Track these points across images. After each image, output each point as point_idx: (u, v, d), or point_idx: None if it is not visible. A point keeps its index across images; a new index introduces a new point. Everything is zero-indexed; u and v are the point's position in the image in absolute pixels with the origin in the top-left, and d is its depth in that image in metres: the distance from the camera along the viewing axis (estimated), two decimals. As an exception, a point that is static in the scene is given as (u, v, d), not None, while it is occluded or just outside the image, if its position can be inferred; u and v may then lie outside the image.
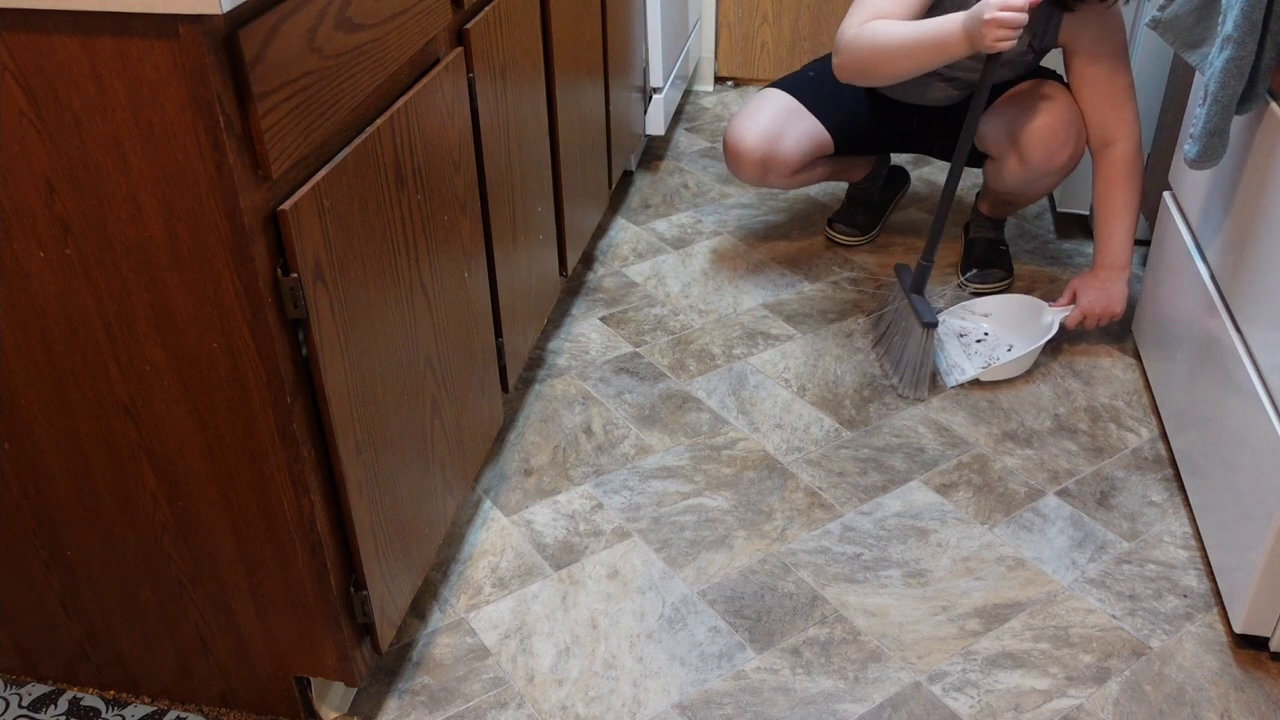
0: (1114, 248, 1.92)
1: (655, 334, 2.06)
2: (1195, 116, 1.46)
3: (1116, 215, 1.91)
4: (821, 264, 2.29)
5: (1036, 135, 1.93)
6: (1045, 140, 1.92)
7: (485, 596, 1.51)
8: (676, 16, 2.61)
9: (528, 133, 1.65)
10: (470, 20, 1.39)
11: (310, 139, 0.99)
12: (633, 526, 1.62)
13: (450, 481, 1.42)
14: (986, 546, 1.58)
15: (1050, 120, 1.92)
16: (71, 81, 0.88)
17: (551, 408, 1.87)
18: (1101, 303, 1.92)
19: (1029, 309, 2.01)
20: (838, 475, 1.72)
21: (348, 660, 1.22)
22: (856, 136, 2.17)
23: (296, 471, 1.06)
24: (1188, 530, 1.60)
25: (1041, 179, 1.98)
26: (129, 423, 1.07)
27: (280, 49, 0.93)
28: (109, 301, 0.99)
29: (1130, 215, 1.91)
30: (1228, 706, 1.34)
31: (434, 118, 1.26)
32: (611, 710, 1.34)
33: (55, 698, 1.35)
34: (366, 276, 1.12)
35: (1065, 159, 1.95)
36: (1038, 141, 1.93)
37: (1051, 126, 1.92)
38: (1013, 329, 2.02)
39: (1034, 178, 1.98)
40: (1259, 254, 1.43)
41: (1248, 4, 1.33)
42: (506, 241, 1.59)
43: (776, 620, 1.46)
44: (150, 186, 0.92)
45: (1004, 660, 1.40)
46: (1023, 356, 1.90)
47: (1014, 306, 2.04)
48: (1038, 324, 1.98)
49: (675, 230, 2.42)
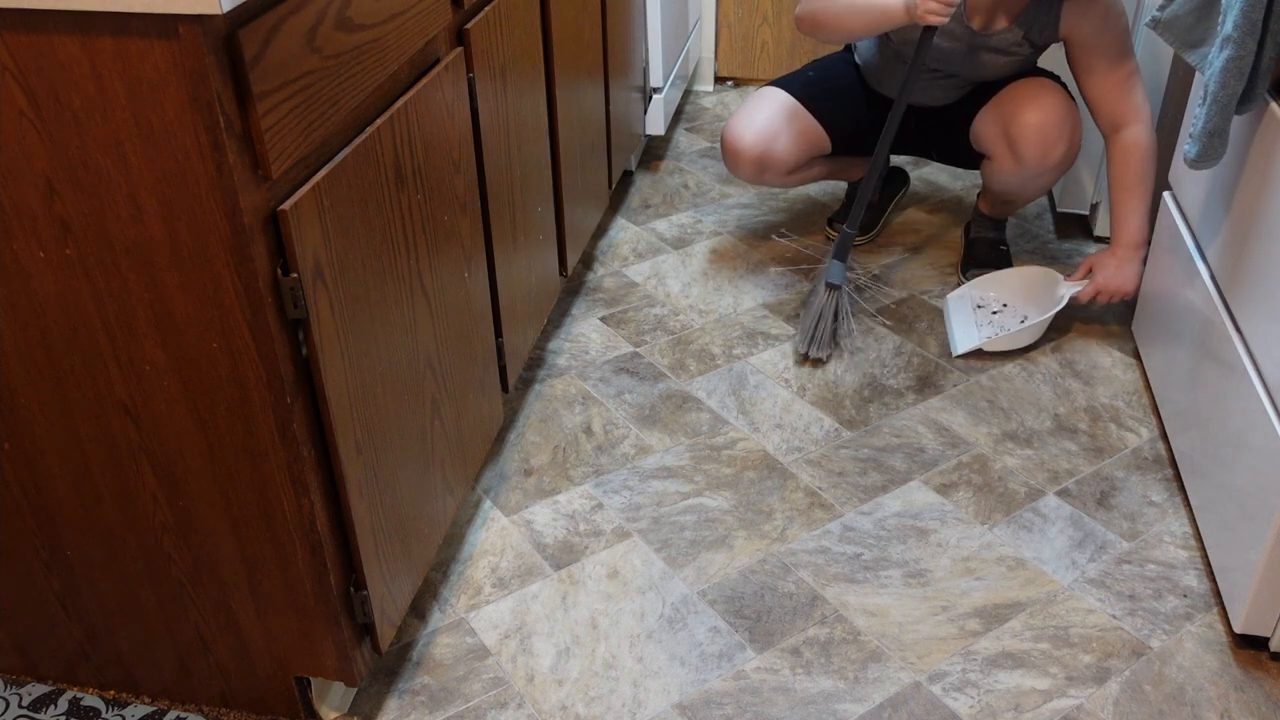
0: (1130, 227, 1.93)
1: (655, 334, 2.06)
2: (1195, 116, 1.46)
3: (1131, 195, 1.92)
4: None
5: (1031, 133, 1.93)
6: (1039, 138, 1.93)
7: (485, 596, 1.51)
8: (676, 16, 2.61)
9: (528, 133, 1.65)
10: (470, 20, 1.39)
11: (310, 139, 0.99)
12: (633, 526, 1.62)
13: (450, 481, 1.42)
14: (986, 546, 1.58)
15: (1044, 117, 1.92)
16: (71, 81, 0.88)
17: (551, 408, 1.87)
18: (1116, 281, 1.94)
19: (1045, 281, 2.05)
20: (838, 475, 1.72)
21: (348, 660, 1.22)
22: (854, 136, 2.17)
23: (296, 471, 1.06)
24: (1188, 530, 1.60)
25: (1037, 177, 1.99)
26: (129, 423, 1.07)
27: (280, 49, 0.93)
28: (109, 301, 0.99)
29: (1144, 195, 1.92)
30: (1228, 706, 1.34)
31: (434, 118, 1.26)
32: (611, 710, 1.34)
33: (55, 698, 1.35)
34: (366, 276, 1.12)
35: (1059, 156, 1.95)
36: (1032, 139, 1.93)
37: (1045, 124, 1.92)
38: (1029, 300, 2.06)
39: (1030, 176, 1.98)
40: (1259, 254, 1.43)
41: (1247, 4, 1.33)
42: (506, 241, 1.59)
43: (776, 620, 1.46)
44: (150, 186, 0.92)
45: (1004, 660, 1.40)
46: (1031, 326, 1.94)
47: (1032, 278, 2.07)
48: (1052, 296, 2.02)
49: (675, 230, 2.42)
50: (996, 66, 1.99)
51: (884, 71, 2.11)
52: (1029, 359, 1.98)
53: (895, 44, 2.03)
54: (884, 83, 2.13)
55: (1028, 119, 1.93)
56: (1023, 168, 1.97)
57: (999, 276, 2.11)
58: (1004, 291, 2.09)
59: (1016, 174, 1.99)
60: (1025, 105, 1.94)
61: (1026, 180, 2.00)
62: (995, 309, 2.06)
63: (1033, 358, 1.99)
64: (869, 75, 2.16)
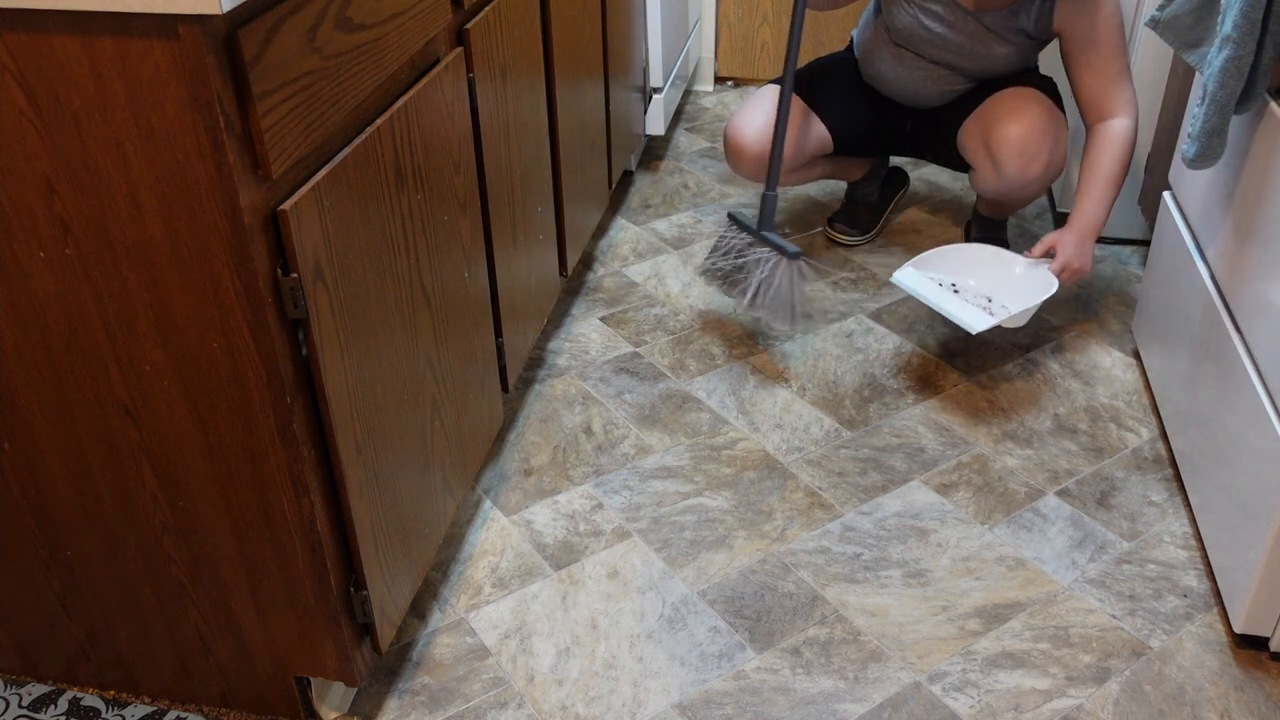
0: (1096, 213, 1.87)
1: (655, 334, 2.06)
2: (1194, 116, 1.46)
3: (1103, 181, 1.88)
4: (821, 264, 2.29)
5: (1010, 146, 1.92)
6: (1019, 151, 1.92)
7: (485, 596, 1.51)
8: (676, 16, 2.61)
9: (528, 133, 1.65)
10: (470, 20, 1.39)
11: (310, 139, 0.99)
12: (633, 526, 1.62)
13: (450, 481, 1.42)
14: (986, 546, 1.58)
15: (1024, 131, 1.92)
16: (71, 81, 0.88)
17: (551, 408, 1.87)
18: (1078, 261, 1.87)
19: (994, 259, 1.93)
20: (838, 475, 1.72)
21: (348, 660, 1.22)
22: (855, 136, 2.18)
23: (296, 471, 1.06)
24: (1188, 530, 1.60)
25: (1020, 189, 1.98)
26: (129, 423, 1.07)
27: (280, 49, 0.93)
28: (109, 301, 0.99)
29: (1113, 185, 1.88)
30: (1228, 706, 1.34)
31: (434, 118, 1.26)
32: (611, 710, 1.34)
33: (55, 698, 1.35)
34: (366, 276, 1.12)
35: (1040, 170, 1.94)
36: (1011, 153, 1.93)
37: (1025, 137, 1.92)
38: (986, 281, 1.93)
39: (1011, 188, 1.98)
40: (1259, 254, 1.43)
41: (1247, 4, 1.33)
42: (506, 241, 1.59)
43: (776, 620, 1.46)
44: (150, 186, 0.92)
45: (1004, 660, 1.40)
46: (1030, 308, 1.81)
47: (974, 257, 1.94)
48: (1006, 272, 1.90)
49: (675, 230, 2.42)
50: (994, 58, 1.98)
51: (881, 69, 2.11)
52: (1029, 359, 1.98)
53: (895, 34, 2.03)
54: (879, 76, 2.13)
55: (1008, 132, 1.93)
56: (1004, 181, 1.97)
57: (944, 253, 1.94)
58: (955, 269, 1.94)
59: (999, 186, 1.99)
60: (1006, 117, 1.94)
61: (1008, 193, 2.00)
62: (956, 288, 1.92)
63: (1033, 358, 1.99)
64: (867, 73, 2.16)
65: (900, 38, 2.03)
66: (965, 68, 2.02)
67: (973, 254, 1.94)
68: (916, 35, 1.99)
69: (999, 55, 1.98)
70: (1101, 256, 2.30)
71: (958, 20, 1.93)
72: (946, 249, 1.93)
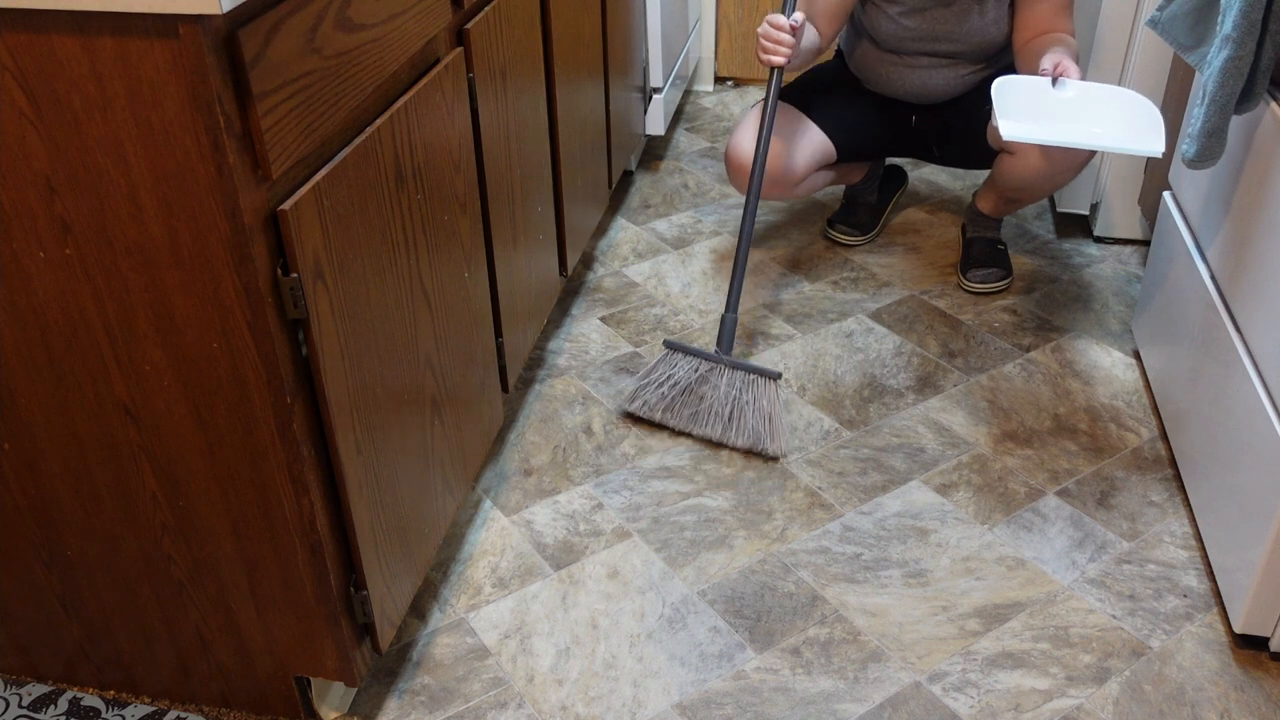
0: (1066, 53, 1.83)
1: (655, 334, 2.06)
2: (1194, 116, 1.46)
3: (1066, 46, 1.88)
4: (821, 264, 2.29)
5: None
6: None
7: (485, 596, 1.51)
8: (676, 16, 2.61)
9: (528, 133, 1.65)
10: (470, 20, 1.39)
11: (310, 139, 0.99)
12: (633, 526, 1.62)
13: (450, 481, 1.42)
14: (986, 546, 1.58)
15: None
16: (71, 81, 0.88)
17: (551, 408, 1.87)
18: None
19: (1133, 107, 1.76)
20: (838, 475, 1.72)
21: (348, 660, 1.22)
22: (859, 142, 2.17)
23: (296, 471, 1.06)
24: (1188, 530, 1.60)
25: (1061, 173, 1.99)
26: (129, 423, 1.07)
27: (280, 49, 0.93)
28: (109, 301, 0.99)
29: (1068, 54, 1.83)
30: (1228, 706, 1.34)
31: (434, 118, 1.26)
32: (611, 710, 1.34)
33: (55, 698, 1.35)
34: (366, 276, 1.12)
35: (1086, 153, 1.96)
36: None
37: None
38: (1095, 120, 1.78)
39: (1055, 171, 1.99)
40: (1259, 254, 1.43)
41: (1246, 4, 1.33)
42: (506, 241, 1.59)
43: (776, 620, 1.46)
44: (150, 186, 0.92)
45: (1004, 660, 1.40)
46: (1084, 145, 1.70)
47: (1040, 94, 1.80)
48: (1088, 105, 1.77)
49: (675, 230, 2.42)
50: (985, 24, 1.99)
51: (878, 71, 2.11)
52: (1029, 359, 1.99)
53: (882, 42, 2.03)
54: (880, 83, 2.13)
55: None
56: (1050, 163, 1.98)
57: (1019, 104, 1.78)
58: (1037, 113, 1.78)
59: (1043, 169, 1.99)
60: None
61: (1050, 175, 2.00)
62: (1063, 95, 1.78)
63: (1033, 358, 1.99)
64: (864, 78, 2.16)
65: (889, 45, 2.03)
66: (961, 50, 2.02)
67: (1035, 90, 1.79)
68: (902, 37, 2.00)
69: (990, 20, 1.98)
70: (1102, 256, 2.30)
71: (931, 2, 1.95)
72: (1011, 100, 1.77)
